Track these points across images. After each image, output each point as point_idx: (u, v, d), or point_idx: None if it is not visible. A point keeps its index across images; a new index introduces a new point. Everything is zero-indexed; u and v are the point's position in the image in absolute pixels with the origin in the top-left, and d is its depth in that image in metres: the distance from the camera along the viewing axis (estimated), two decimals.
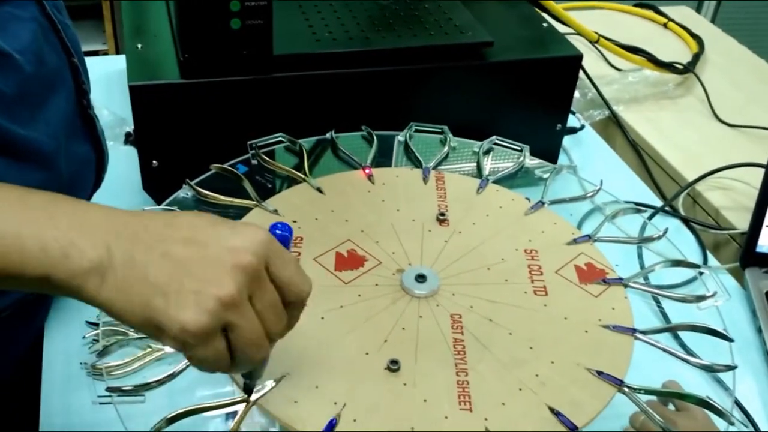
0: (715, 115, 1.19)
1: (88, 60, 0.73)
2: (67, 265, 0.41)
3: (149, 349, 0.56)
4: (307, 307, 0.55)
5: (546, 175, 0.74)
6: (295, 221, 0.65)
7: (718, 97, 1.22)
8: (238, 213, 0.66)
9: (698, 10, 1.98)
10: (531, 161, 0.78)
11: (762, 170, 0.86)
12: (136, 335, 0.54)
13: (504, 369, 0.54)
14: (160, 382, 0.51)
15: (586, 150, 1.09)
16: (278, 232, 0.46)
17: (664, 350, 0.57)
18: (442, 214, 0.68)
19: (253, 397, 0.50)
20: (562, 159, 1.01)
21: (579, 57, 0.91)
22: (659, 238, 0.68)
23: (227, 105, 0.81)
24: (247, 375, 0.48)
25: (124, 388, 0.51)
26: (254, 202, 0.66)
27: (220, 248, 0.42)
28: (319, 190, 0.69)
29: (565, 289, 0.62)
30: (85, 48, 0.72)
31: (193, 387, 0.55)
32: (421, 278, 0.60)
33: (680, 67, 1.26)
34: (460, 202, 0.70)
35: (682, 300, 0.63)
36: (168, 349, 0.53)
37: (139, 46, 0.84)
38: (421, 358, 0.55)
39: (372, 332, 0.56)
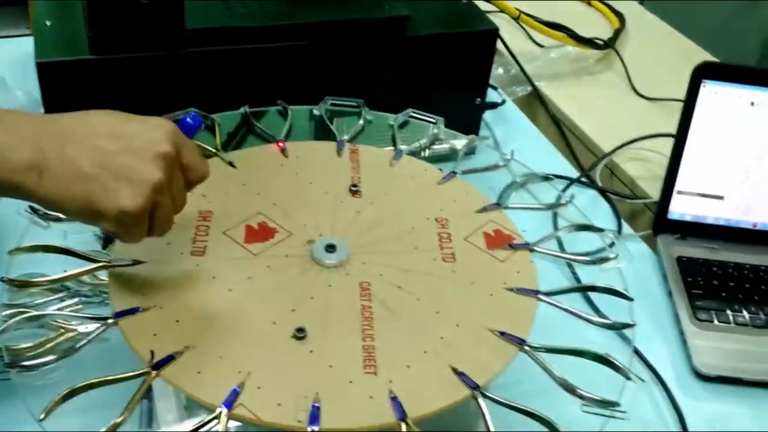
0: (634, 89, 1.22)
1: (2, 42, 0.73)
2: (5, 165, 0.47)
3: (61, 330, 0.55)
4: (215, 279, 0.56)
5: (459, 147, 0.75)
6: (204, 195, 0.64)
7: (638, 72, 1.25)
8: None
9: None
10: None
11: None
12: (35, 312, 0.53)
13: (410, 333, 0.55)
14: (59, 358, 0.50)
15: (508, 125, 1.11)
16: (189, 121, 0.55)
17: (566, 310, 0.58)
18: (355, 186, 0.68)
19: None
20: (484, 134, 1.02)
21: (495, 31, 0.92)
22: (566, 204, 0.69)
23: (140, 81, 0.80)
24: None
25: (24, 364, 0.50)
26: None
27: (141, 140, 0.49)
28: (231, 164, 0.69)
29: (473, 255, 0.63)
30: (9, 32, 0.70)
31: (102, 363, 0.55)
32: (331, 248, 0.61)
33: (600, 42, 1.28)
34: (374, 174, 0.70)
35: (586, 262, 0.64)
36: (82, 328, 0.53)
37: (48, 23, 0.82)
38: (329, 325, 0.55)
39: (280, 302, 0.56)
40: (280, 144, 0.72)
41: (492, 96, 1.07)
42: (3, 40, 1.09)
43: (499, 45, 1.21)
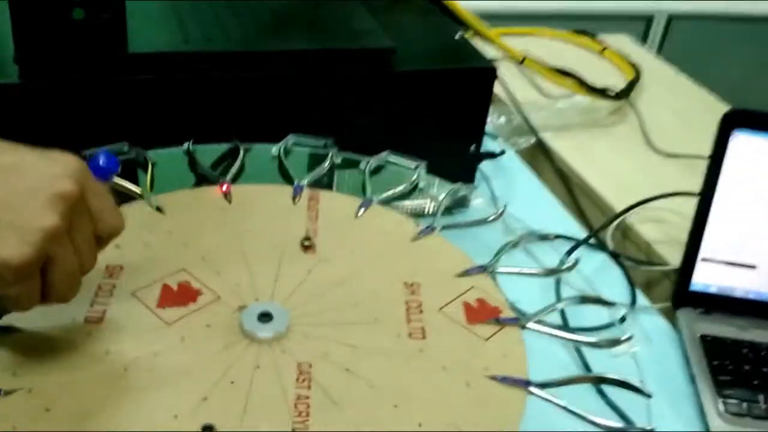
0: (650, 144, 1.10)
1: None
2: None
3: None
4: (108, 354, 0.43)
5: (441, 197, 0.63)
6: (117, 246, 0.52)
7: (654, 126, 1.13)
8: None
9: (644, 38, 1.93)
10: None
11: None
12: None
13: None
14: None
15: (509, 179, 0.99)
16: (101, 163, 0.45)
17: (564, 408, 0.45)
18: (308, 239, 0.56)
19: None
20: (481, 189, 0.90)
21: (492, 69, 0.81)
22: (569, 269, 0.56)
23: (74, 111, 0.68)
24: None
25: None
26: None
27: (37, 175, 0.39)
28: (158, 209, 0.57)
29: (448, 331, 0.50)
30: None
31: None
32: (265, 317, 0.48)
33: (613, 93, 1.17)
34: (334, 226, 0.58)
35: (594, 345, 0.51)
36: None
37: None
38: (249, 421, 0.42)
39: (189, 388, 0.43)
40: (224, 187, 0.60)
41: (491, 146, 0.96)
42: None
43: (502, 92, 1.10)
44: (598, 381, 0.47)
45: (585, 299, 0.53)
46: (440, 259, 0.56)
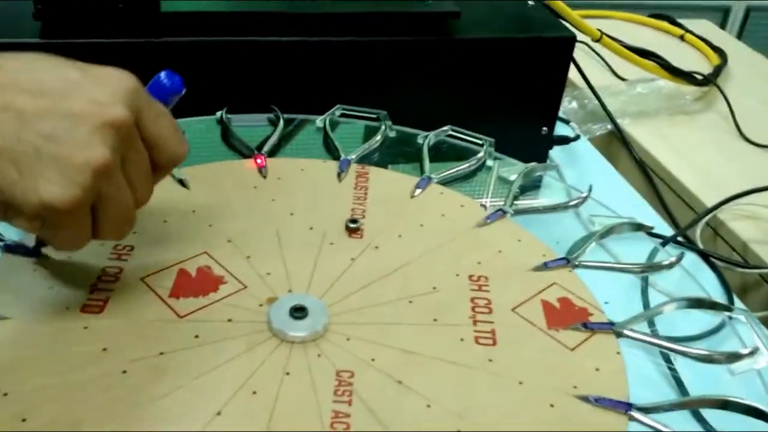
0: (741, 134, 0.99)
1: None
2: None
3: None
4: (106, 352, 0.34)
5: (513, 177, 0.53)
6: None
7: (744, 114, 1.02)
8: None
9: (722, 26, 1.80)
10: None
11: None
12: None
13: None
14: None
15: (581, 168, 0.88)
16: (164, 81, 0.39)
17: None
18: (354, 222, 0.47)
19: None
20: (548, 178, 0.80)
21: (571, 39, 0.71)
22: (671, 265, 0.46)
23: None
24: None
25: None
26: None
27: (82, 100, 0.33)
28: (181, 182, 0.49)
29: (524, 337, 0.40)
30: None
31: None
32: (299, 312, 0.39)
33: (700, 77, 1.06)
34: (385, 207, 0.49)
35: (706, 359, 0.41)
36: None
37: None
38: None
39: (200, 399, 0.35)
40: (258, 160, 0.51)
41: (563, 130, 0.86)
42: None
43: (573, 74, 1.00)
44: (721, 406, 0.37)
45: (698, 302, 0.43)
46: (512, 248, 0.47)
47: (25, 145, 0.32)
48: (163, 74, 0.39)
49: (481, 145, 0.57)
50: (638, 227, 0.49)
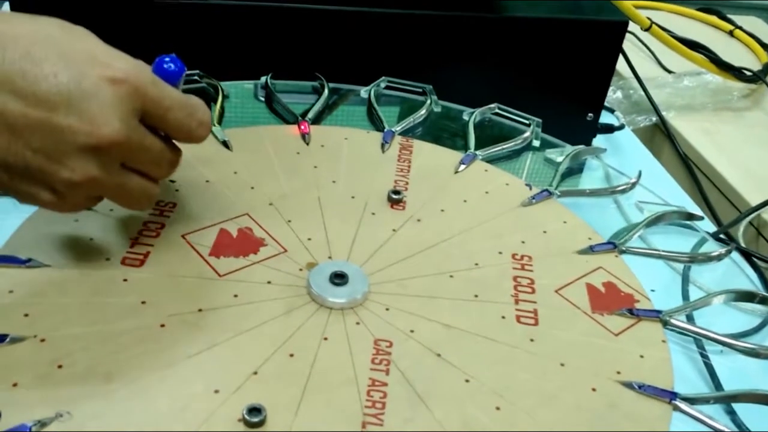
0: None
1: None
2: None
3: None
4: (145, 305, 0.34)
5: (560, 159, 0.52)
6: (173, 181, 0.43)
7: None
8: None
9: None
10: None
11: None
12: None
13: None
14: None
15: (624, 158, 0.86)
16: (167, 66, 0.36)
17: None
18: (397, 193, 0.46)
19: None
20: (592, 164, 0.78)
21: (623, 24, 0.69)
22: (720, 257, 0.45)
23: (138, 31, 0.60)
24: None
25: None
26: None
27: (75, 115, 0.32)
28: (225, 144, 0.48)
29: (567, 319, 0.39)
30: None
31: None
32: (339, 279, 0.38)
33: (749, 73, 1.03)
34: (429, 181, 0.48)
35: (753, 353, 0.39)
36: None
37: None
38: (307, 405, 0.32)
39: (237, 358, 0.34)
40: (302, 126, 0.51)
41: (607, 119, 0.84)
42: None
43: (620, 63, 0.98)
44: (765, 400, 0.36)
45: (748, 296, 0.42)
46: (558, 230, 0.45)
47: (14, 156, 0.32)
48: (165, 60, 0.37)
49: (528, 125, 0.56)
50: (689, 216, 0.47)
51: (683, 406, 0.35)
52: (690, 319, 0.50)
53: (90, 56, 0.33)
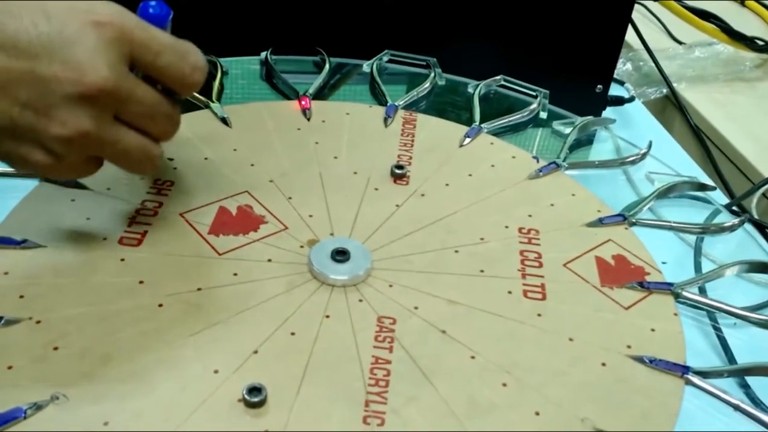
0: None
1: None
2: None
3: None
4: (143, 285, 0.33)
5: (568, 131, 0.50)
6: (171, 159, 0.43)
7: None
8: None
9: None
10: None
11: None
12: None
13: (452, 420, 0.31)
14: None
15: (635, 131, 0.84)
16: (151, 12, 0.34)
17: (737, 408, 0.33)
18: (400, 168, 0.45)
19: None
20: (601, 136, 0.77)
21: None
22: (733, 227, 0.44)
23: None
24: None
25: None
26: None
27: (59, 63, 0.30)
28: (224, 120, 0.47)
29: (576, 293, 0.38)
30: None
31: None
32: (341, 255, 0.37)
33: (761, 43, 1.01)
34: (433, 155, 0.47)
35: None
36: None
37: None
38: (309, 384, 0.32)
39: (237, 337, 0.33)
40: (303, 102, 0.50)
41: (617, 92, 0.82)
42: None
43: (629, 35, 0.96)
44: None
45: (763, 266, 0.41)
46: (566, 202, 0.44)
47: (1, 114, 0.31)
48: (150, 3, 0.35)
49: (535, 97, 0.55)
50: (701, 187, 0.46)
51: (696, 380, 0.34)
52: (702, 291, 0.49)
53: (70, 5, 0.31)
